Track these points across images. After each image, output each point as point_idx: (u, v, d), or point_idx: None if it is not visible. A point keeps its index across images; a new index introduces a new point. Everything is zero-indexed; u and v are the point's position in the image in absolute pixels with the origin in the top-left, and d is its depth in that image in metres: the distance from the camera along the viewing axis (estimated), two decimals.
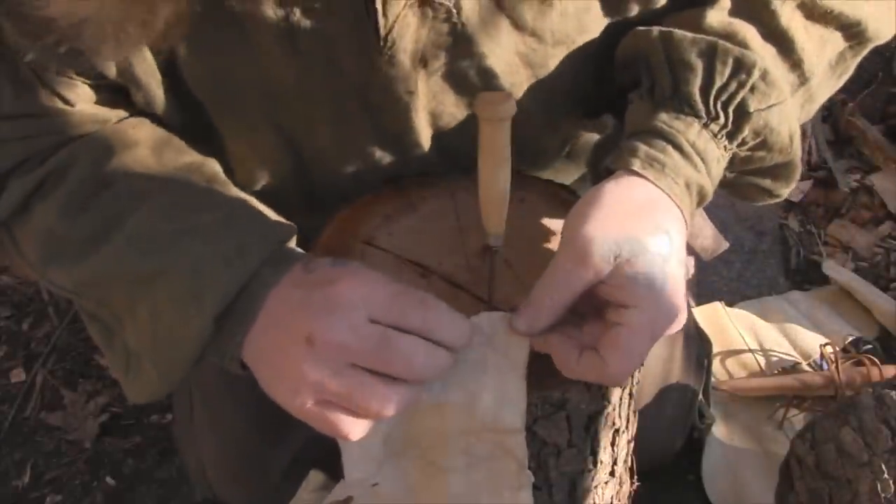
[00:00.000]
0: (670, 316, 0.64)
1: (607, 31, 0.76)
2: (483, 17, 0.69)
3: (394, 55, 0.69)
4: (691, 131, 0.69)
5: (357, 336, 0.59)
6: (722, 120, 0.69)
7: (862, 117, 1.78)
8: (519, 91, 0.76)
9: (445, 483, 0.66)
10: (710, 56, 0.69)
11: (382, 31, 0.67)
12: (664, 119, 0.69)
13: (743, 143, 0.70)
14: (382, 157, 0.80)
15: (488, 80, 0.73)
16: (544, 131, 0.84)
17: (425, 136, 0.78)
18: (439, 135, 0.79)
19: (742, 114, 0.69)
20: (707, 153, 0.69)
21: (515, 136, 0.70)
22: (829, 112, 1.83)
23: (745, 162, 0.72)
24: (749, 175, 0.75)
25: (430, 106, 0.76)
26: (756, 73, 0.68)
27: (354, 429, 0.61)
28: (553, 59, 0.75)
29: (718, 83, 0.69)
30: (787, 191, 0.77)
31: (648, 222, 0.64)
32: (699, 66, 0.69)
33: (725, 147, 0.70)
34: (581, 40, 0.75)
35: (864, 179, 1.71)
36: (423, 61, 0.71)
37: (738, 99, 0.69)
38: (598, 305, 0.64)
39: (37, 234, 0.72)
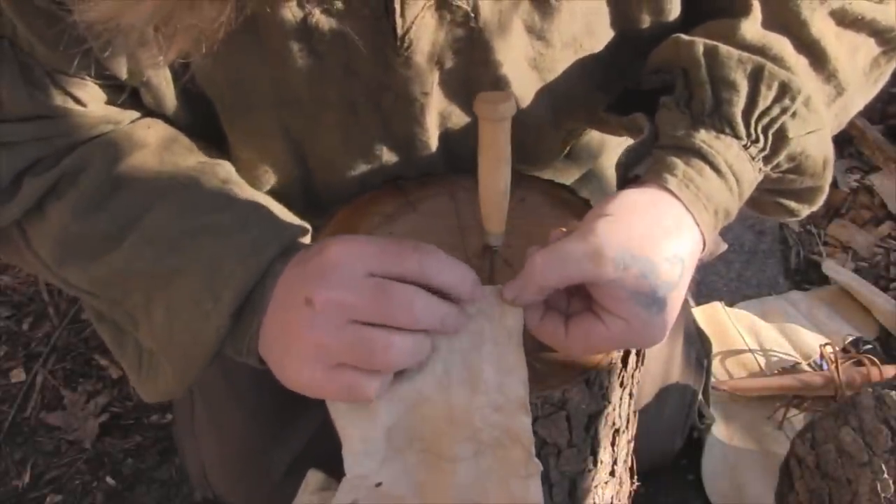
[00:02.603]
0: (649, 338, 0.64)
1: (617, 38, 0.76)
2: (499, 20, 0.69)
3: (410, 56, 0.69)
4: (730, 152, 0.67)
5: (353, 290, 0.60)
6: (761, 143, 0.68)
7: (862, 117, 1.78)
8: (528, 95, 0.76)
9: (452, 475, 0.66)
10: (756, 78, 0.68)
11: (400, 32, 0.67)
12: (704, 137, 0.68)
13: (777, 166, 0.70)
14: (389, 160, 0.80)
15: (500, 84, 0.73)
16: (548, 134, 0.84)
17: (434, 139, 0.78)
18: (447, 138, 0.79)
19: (781, 138, 0.68)
20: (743, 175, 0.68)
21: (519, 139, 0.69)
22: None
23: (775, 183, 0.72)
24: (775, 194, 0.74)
25: (441, 108, 0.76)
26: (800, 100, 0.68)
27: (369, 386, 0.61)
28: (561, 63, 0.75)
29: (762, 106, 0.68)
30: (808, 212, 0.77)
31: (668, 247, 0.63)
32: (744, 86, 0.68)
33: (760, 169, 0.69)
34: (588, 43, 0.75)
35: (864, 179, 1.71)
36: (438, 63, 0.71)
37: (779, 123, 0.68)
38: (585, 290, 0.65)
39: (51, 233, 0.73)
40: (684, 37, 0.72)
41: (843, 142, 1.78)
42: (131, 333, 0.75)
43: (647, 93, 0.75)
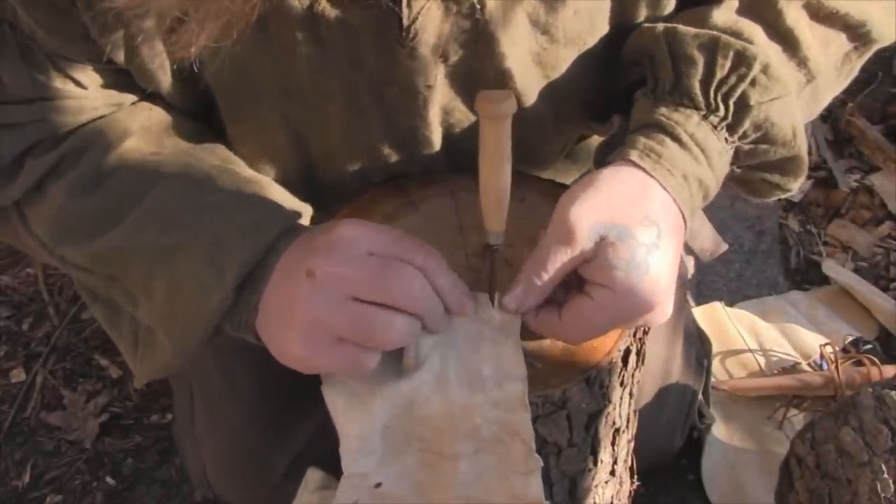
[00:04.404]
0: (639, 305, 0.64)
1: (612, 33, 0.76)
2: (504, 13, 0.70)
3: (415, 48, 0.69)
4: (690, 123, 0.69)
5: (357, 265, 0.61)
6: (722, 112, 0.69)
7: (862, 117, 1.78)
8: (530, 91, 0.77)
9: (453, 472, 0.66)
10: (712, 49, 0.70)
11: (405, 23, 0.67)
12: (663, 112, 0.70)
13: (744, 136, 0.70)
14: (390, 153, 0.80)
15: (504, 78, 0.74)
16: (550, 133, 0.85)
17: (436, 134, 0.79)
18: (449, 133, 0.79)
19: (742, 107, 0.69)
20: (707, 145, 0.69)
21: (520, 136, 0.70)
22: (829, 112, 1.83)
23: (749, 156, 0.72)
24: (756, 170, 0.75)
25: (444, 102, 0.76)
26: (757, 67, 0.69)
27: (369, 361, 0.62)
28: (564, 59, 0.76)
29: (719, 76, 0.69)
30: (797, 185, 0.77)
31: (638, 211, 0.65)
32: (700, 59, 0.70)
33: (726, 139, 0.70)
34: (591, 41, 0.75)
35: (864, 179, 1.71)
36: (443, 56, 0.71)
37: (739, 92, 0.69)
38: (582, 282, 0.66)
39: (50, 212, 0.73)
40: (648, 24, 0.74)
41: (843, 142, 1.78)
42: (127, 312, 0.75)
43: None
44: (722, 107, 0.69)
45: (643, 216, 0.64)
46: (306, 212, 0.72)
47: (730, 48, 0.69)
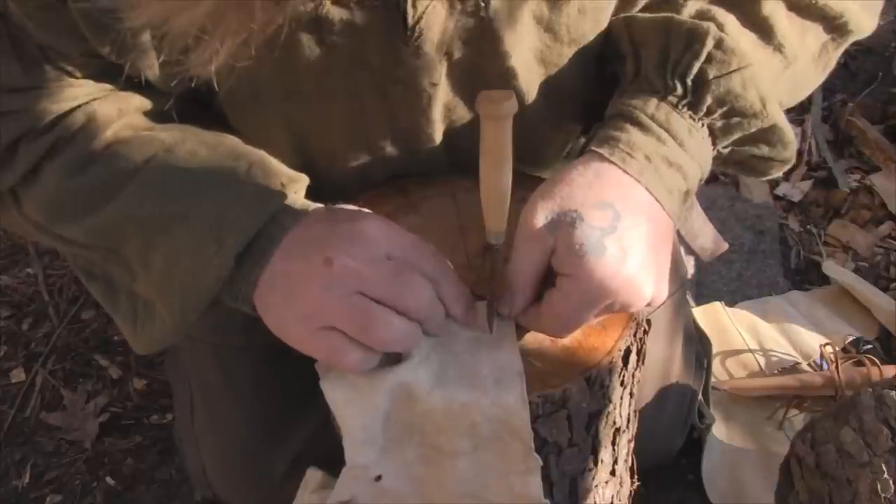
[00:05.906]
0: (601, 288, 0.64)
1: (608, 27, 0.76)
2: (509, 11, 0.70)
3: (420, 46, 0.69)
4: (649, 106, 0.69)
5: (374, 265, 0.62)
6: (679, 91, 0.70)
7: (862, 117, 1.78)
8: (532, 89, 0.77)
9: (452, 469, 0.66)
10: (665, 31, 0.71)
11: (410, 21, 0.67)
12: (625, 101, 0.71)
13: (710, 112, 0.70)
14: (392, 152, 0.80)
15: (507, 76, 0.74)
16: (550, 131, 0.85)
17: (438, 131, 0.79)
18: (451, 131, 0.80)
19: (701, 83, 0.70)
20: (671, 125, 0.69)
21: (520, 135, 0.70)
22: (829, 112, 1.83)
23: (726, 132, 0.72)
24: (741, 145, 0.74)
25: (447, 100, 0.76)
26: (710, 42, 0.69)
27: (350, 353, 0.63)
28: (566, 58, 0.76)
29: (672, 56, 0.70)
30: (791, 154, 0.76)
31: (591, 196, 0.65)
32: (654, 43, 0.71)
33: (692, 117, 0.70)
34: (594, 38, 0.76)
35: (864, 179, 1.71)
36: (447, 54, 0.72)
37: (695, 69, 0.69)
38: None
39: (47, 192, 0.74)
40: (613, 18, 0.75)
41: (843, 142, 1.78)
42: (124, 287, 0.75)
43: None
44: (679, 86, 0.70)
45: (598, 199, 0.65)
46: (303, 181, 0.73)
47: (681, 27, 0.70)
